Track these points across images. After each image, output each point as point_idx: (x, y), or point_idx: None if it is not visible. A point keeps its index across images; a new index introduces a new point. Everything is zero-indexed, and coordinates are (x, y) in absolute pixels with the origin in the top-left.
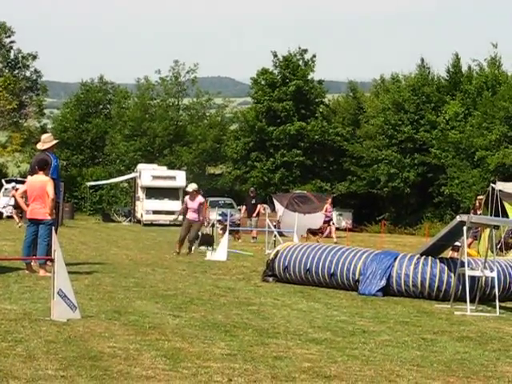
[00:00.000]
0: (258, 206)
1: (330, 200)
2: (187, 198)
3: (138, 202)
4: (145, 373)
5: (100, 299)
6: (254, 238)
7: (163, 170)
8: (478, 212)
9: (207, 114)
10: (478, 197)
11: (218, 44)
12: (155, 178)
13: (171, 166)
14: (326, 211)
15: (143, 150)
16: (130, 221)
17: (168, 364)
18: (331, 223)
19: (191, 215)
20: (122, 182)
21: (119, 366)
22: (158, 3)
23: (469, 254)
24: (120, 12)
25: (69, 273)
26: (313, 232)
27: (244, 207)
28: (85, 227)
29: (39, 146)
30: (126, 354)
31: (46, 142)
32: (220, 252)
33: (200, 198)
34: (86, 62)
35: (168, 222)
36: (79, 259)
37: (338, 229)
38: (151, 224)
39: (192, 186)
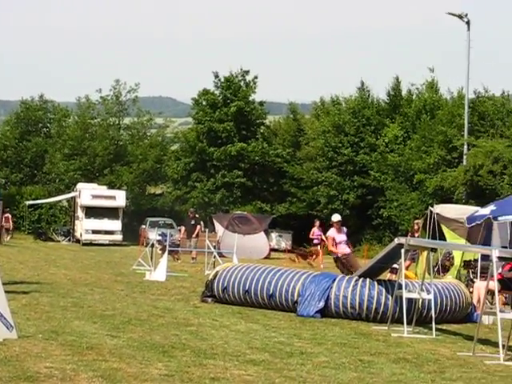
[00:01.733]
0: (197, 226)
1: (317, 223)
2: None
3: (77, 222)
4: None
5: (37, 319)
6: (193, 258)
7: (103, 190)
8: (416, 235)
9: (148, 134)
10: (416, 220)
11: (159, 64)
12: (95, 197)
13: (111, 186)
14: (313, 235)
15: (83, 169)
16: (69, 240)
17: None
18: (319, 247)
19: None
20: (61, 201)
21: None
22: (98, 22)
23: (406, 276)
24: (60, 30)
25: (6, 292)
26: (303, 255)
27: (183, 228)
28: (23, 246)
29: None
30: (63, 375)
31: None
32: (159, 272)
33: None
34: (26, 80)
35: (108, 242)
36: (17, 278)
37: (277, 250)
38: (90, 243)
39: None
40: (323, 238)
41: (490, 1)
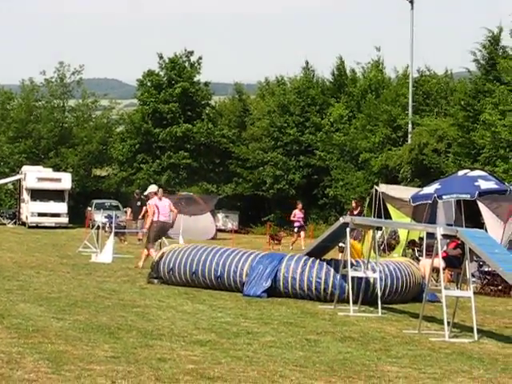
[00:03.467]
0: (143, 207)
1: (299, 206)
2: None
3: (23, 204)
4: (27, 376)
5: None
6: (139, 240)
7: (48, 172)
8: (355, 212)
9: (93, 116)
10: (354, 199)
11: (103, 45)
12: (40, 179)
13: (57, 168)
14: (294, 217)
15: (28, 152)
16: (15, 223)
17: (51, 367)
18: (301, 230)
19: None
20: (6, 183)
21: (1, 370)
22: (41, 2)
23: (354, 248)
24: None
25: None
26: (275, 238)
27: (129, 209)
28: None
29: None
30: (9, 358)
31: None
32: (105, 254)
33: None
34: None
35: (54, 225)
36: None
37: (223, 230)
38: (36, 226)
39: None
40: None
41: None
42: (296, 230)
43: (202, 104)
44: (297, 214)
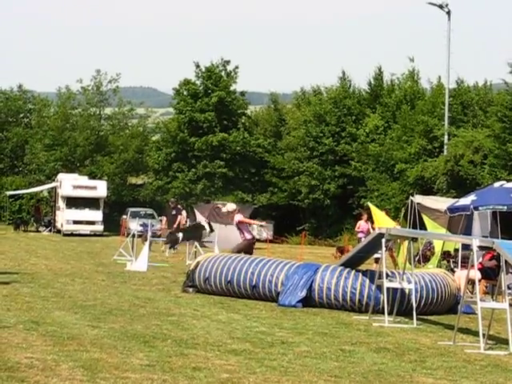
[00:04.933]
0: (179, 216)
1: (365, 217)
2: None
3: (58, 212)
4: (62, 383)
5: (18, 309)
6: (174, 249)
7: (84, 180)
8: (362, 223)
9: (129, 124)
10: (363, 213)
11: (140, 54)
12: (76, 187)
13: (92, 176)
14: (358, 228)
15: (64, 160)
16: (50, 231)
17: (86, 375)
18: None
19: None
20: (42, 191)
21: (36, 377)
22: (78, 11)
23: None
24: (40, 21)
25: None
26: (343, 250)
27: (165, 218)
28: (4, 237)
29: None
30: (44, 365)
31: None
32: (140, 262)
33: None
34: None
35: (89, 232)
36: None
37: (258, 240)
38: (71, 234)
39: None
40: (371, 231)
41: None
42: (358, 241)
43: (238, 113)
44: (361, 226)
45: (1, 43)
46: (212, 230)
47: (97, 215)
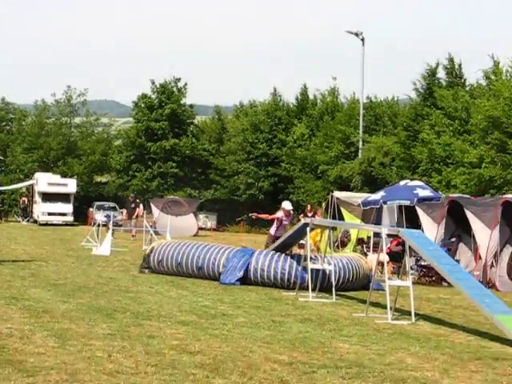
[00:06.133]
0: (137, 209)
1: (319, 212)
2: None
3: (35, 205)
4: (37, 350)
5: (0, 287)
6: (133, 236)
7: (57, 178)
8: (309, 215)
9: (95, 132)
10: (308, 205)
11: (104, 72)
12: (50, 184)
13: (64, 175)
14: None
15: (40, 161)
16: (28, 221)
17: (57, 342)
18: None
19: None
20: (21, 187)
21: (15, 345)
22: (54, 35)
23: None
24: (21, 41)
25: None
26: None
27: (125, 210)
28: None
29: None
30: (21, 334)
31: None
32: (104, 248)
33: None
34: None
35: (61, 222)
36: None
37: (204, 229)
38: (46, 224)
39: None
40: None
41: (382, 21)
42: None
43: (187, 122)
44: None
45: None
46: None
47: (68, 208)
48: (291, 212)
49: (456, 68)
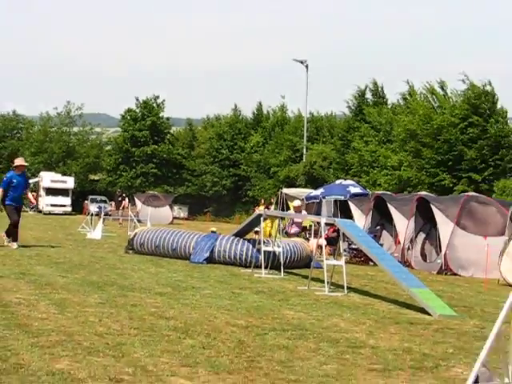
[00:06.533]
0: (123, 202)
1: (261, 201)
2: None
3: (40, 198)
4: (40, 315)
5: (11, 265)
6: (120, 224)
7: (58, 176)
8: (261, 207)
9: (90, 139)
10: (262, 199)
11: (98, 89)
12: (53, 181)
13: (64, 174)
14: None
15: (44, 163)
16: (35, 211)
17: (57, 309)
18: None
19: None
20: (29, 184)
21: (22, 311)
22: (57, 55)
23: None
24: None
25: None
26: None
27: (113, 203)
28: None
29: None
30: (28, 303)
31: (14, 162)
32: (96, 233)
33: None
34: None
35: (61, 212)
36: None
37: (178, 218)
38: (49, 213)
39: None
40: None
41: (324, 51)
42: None
43: (165, 132)
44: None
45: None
46: None
47: (67, 200)
48: (300, 208)
49: (379, 90)
